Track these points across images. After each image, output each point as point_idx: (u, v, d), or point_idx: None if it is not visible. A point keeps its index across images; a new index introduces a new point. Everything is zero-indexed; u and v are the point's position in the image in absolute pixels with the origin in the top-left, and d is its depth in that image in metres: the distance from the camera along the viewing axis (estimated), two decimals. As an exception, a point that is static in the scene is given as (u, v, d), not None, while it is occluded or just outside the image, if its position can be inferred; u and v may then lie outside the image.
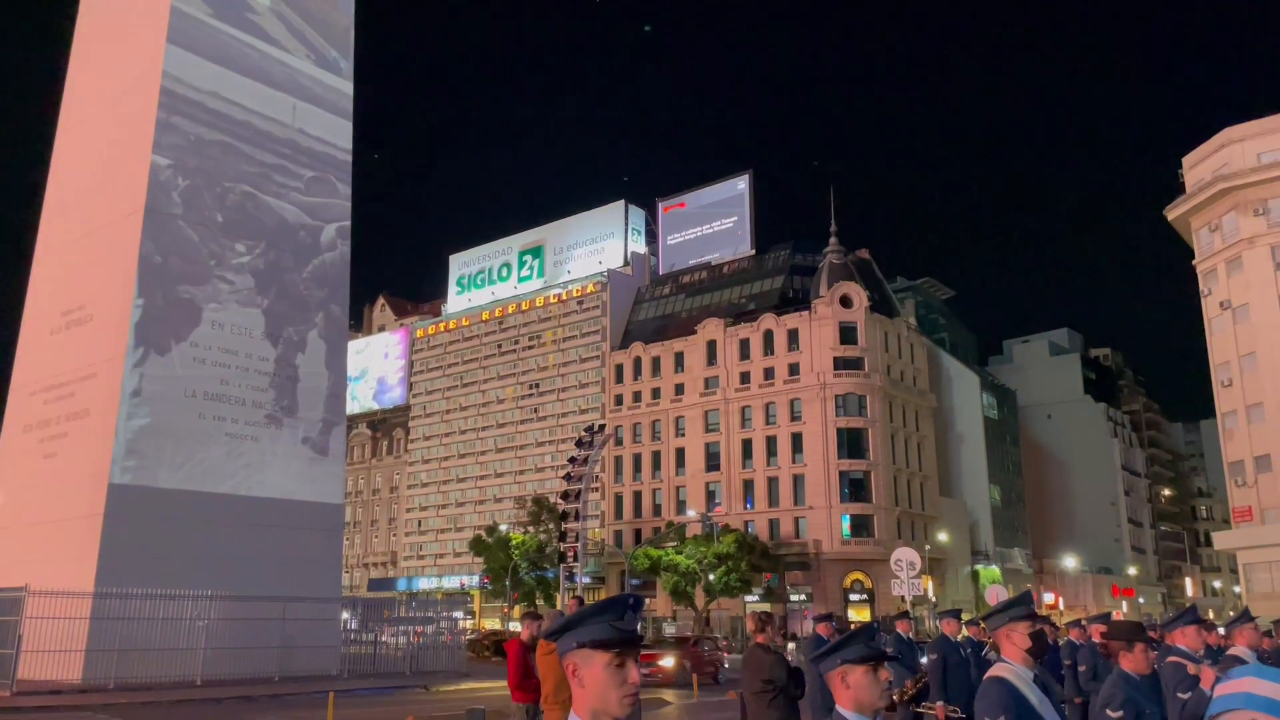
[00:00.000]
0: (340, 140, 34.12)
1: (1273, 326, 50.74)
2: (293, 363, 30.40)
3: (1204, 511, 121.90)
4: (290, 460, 29.87)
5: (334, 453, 31.59)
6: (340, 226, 33.25)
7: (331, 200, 33.14)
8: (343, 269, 33.20)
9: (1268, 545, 50.05)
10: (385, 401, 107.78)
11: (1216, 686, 5.90)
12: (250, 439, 28.95)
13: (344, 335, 33.39)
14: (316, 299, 31.81)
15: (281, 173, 31.71)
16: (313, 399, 30.94)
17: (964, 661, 9.97)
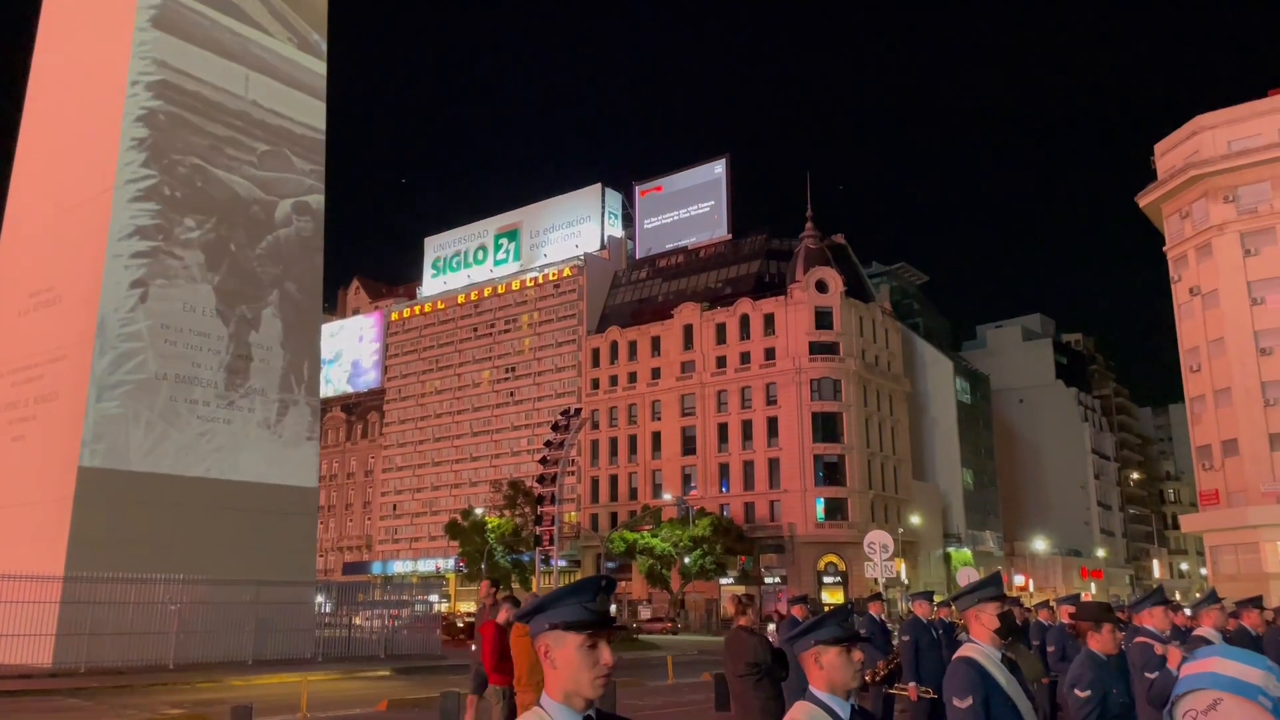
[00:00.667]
0: (308, 118, 33.38)
1: (1240, 312, 51.41)
2: (248, 341, 30.00)
3: (1171, 495, 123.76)
4: (263, 444, 29.65)
5: (308, 436, 31.36)
6: (297, 202, 32.14)
7: (286, 175, 32.11)
8: (300, 246, 32.40)
9: (1233, 528, 50.88)
10: (360, 385, 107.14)
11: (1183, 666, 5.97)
12: (223, 422, 28.71)
13: (307, 314, 32.78)
14: (271, 275, 31.29)
15: (233, 145, 30.80)
16: (279, 380, 30.68)
17: (936, 643, 10.07)
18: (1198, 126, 55.00)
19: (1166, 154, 57.37)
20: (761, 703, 7.38)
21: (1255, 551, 49.63)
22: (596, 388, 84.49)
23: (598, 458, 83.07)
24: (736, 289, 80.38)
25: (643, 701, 18.56)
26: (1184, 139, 55.93)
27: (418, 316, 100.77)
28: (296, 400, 31.15)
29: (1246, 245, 51.88)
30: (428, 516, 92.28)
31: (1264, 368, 50.37)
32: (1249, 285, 51.41)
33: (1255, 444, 49.97)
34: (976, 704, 4.00)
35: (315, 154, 33.39)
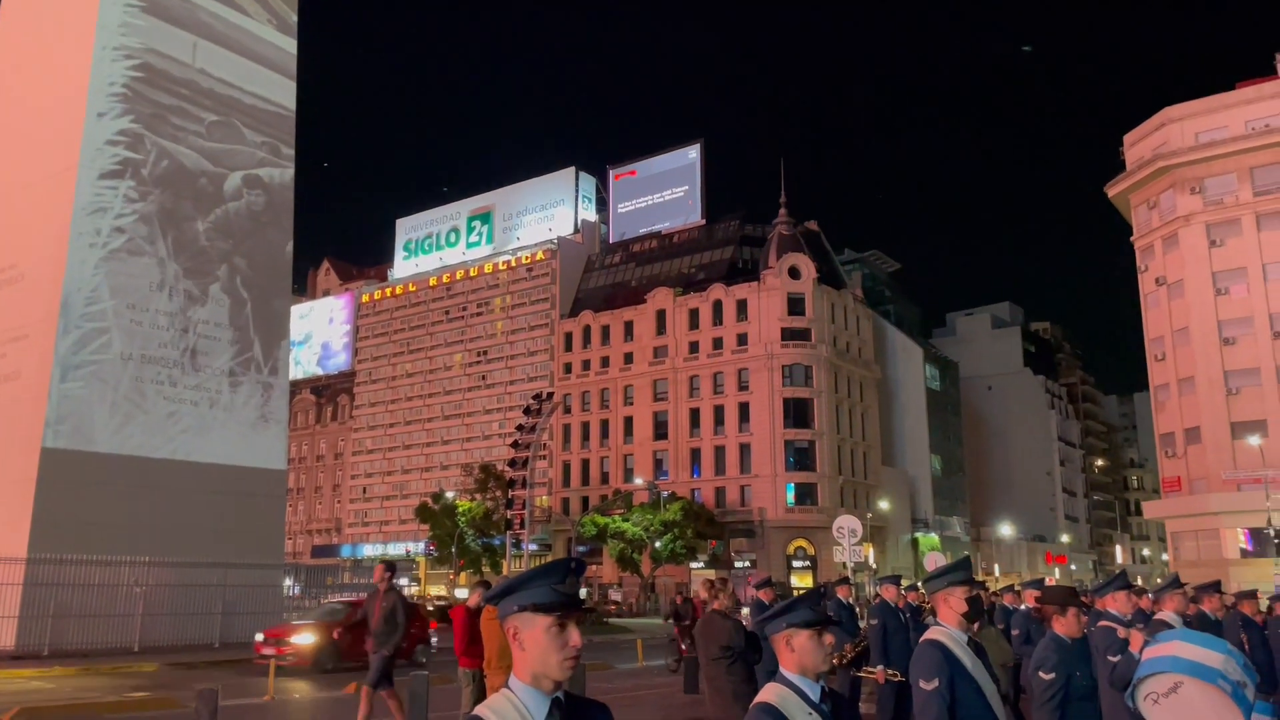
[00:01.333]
0: (265, 90, 32.50)
1: (1205, 303, 52.17)
2: (217, 321, 29.57)
3: (1135, 482, 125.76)
4: (231, 425, 29.34)
5: (276, 418, 31.08)
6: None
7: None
8: (264, 224, 31.78)
9: (1195, 514, 51.78)
10: (330, 367, 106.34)
11: (1145, 650, 6.06)
12: (189, 403, 28.37)
13: (275, 295, 32.28)
14: (238, 256, 30.82)
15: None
16: (247, 361, 30.37)
17: (903, 626, 10.17)
18: (1166, 118, 55.61)
19: (1135, 145, 57.99)
20: (734, 686, 7.40)
21: (1216, 538, 50.57)
22: (569, 372, 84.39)
23: (569, 442, 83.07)
24: (710, 274, 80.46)
25: (612, 684, 18.63)
26: (1152, 130, 56.54)
27: (389, 299, 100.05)
28: (265, 382, 30.84)
29: (1212, 236, 52.60)
30: (398, 500, 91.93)
31: (1227, 357, 51.19)
32: (1214, 276, 52.17)
33: (1217, 432, 50.84)
34: (942, 686, 4.04)
35: (271, 127, 32.49)
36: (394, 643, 10.96)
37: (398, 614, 11.04)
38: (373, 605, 11.27)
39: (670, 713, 14.33)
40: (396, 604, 11.11)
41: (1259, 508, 43.77)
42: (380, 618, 11.04)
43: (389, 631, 10.98)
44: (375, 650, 11.01)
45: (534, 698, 2.35)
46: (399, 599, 11.22)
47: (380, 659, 10.96)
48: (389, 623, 11.01)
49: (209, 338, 29.33)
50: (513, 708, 2.34)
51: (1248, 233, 51.54)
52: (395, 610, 11.05)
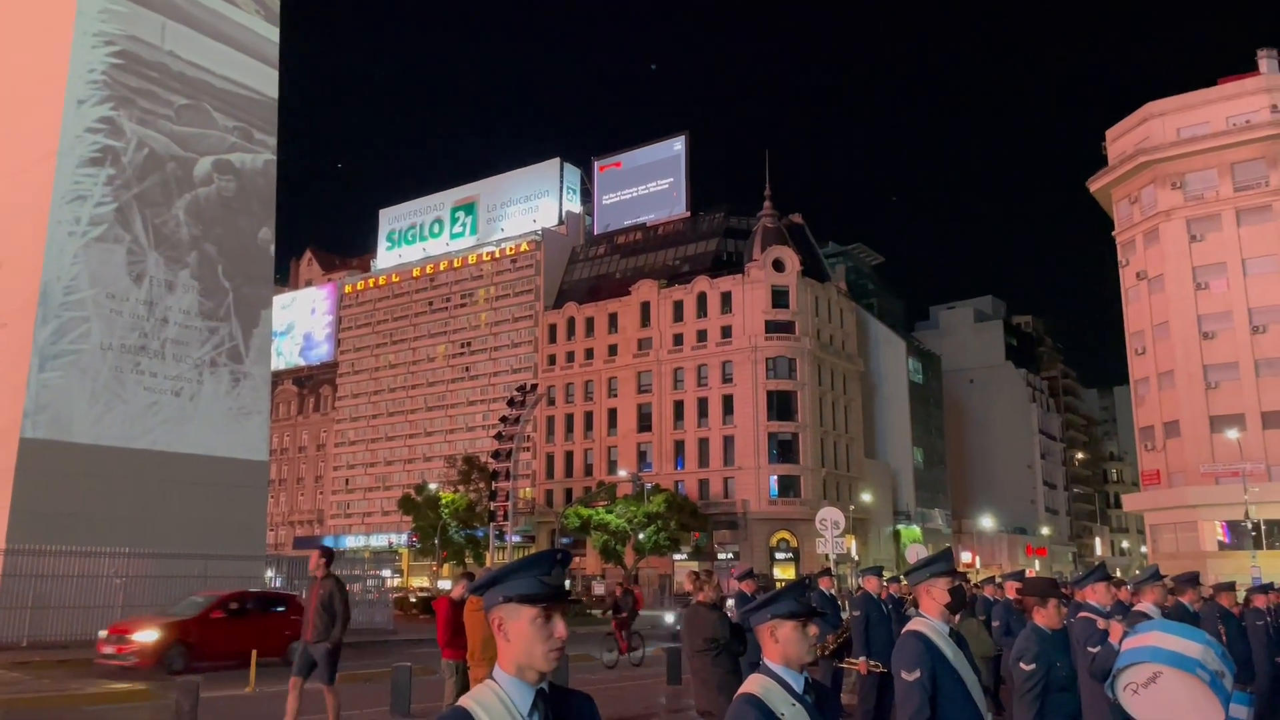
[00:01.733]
0: (241, 75, 31.98)
1: (1185, 297, 52.60)
2: (197, 311, 29.33)
3: (1115, 475, 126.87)
4: (212, 416, 29.17)
5: (258, 409, 30.92)
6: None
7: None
8: (247, 211, 31.45)
9: (1174, 507, 52.29)
10: (312, 358, 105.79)
11: (1124, 640, 6.13)
12: (170, 393, 28.18)
13: (257, 284, 32.05)
14: (220, 244, 30.55)
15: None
16: (229, 351, 30.17)
17: (886, 617, 10.23)
18: (1148, 113, 55.95)
19: (1117, 140, 58.33)
20: (719, 678, 7.42)
21: (1194, 530, 51.09)
22: (553, 364, 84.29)
23: (553, 434, 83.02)
24: (694, 267, 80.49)
25: (596, 676, 18.67)
26: (1135, 125, 56.88)
27: (372, 289, 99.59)
28: (246, 372, 30.67)
29: (1193, 231, 53.00)
30: (381, 491, 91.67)
31: (1206, 351, 51.65)
32: (1194, 270, 52.60)
33: (1196, 426, 51.32)
34: (924, 677, 4.07)
35: (242, 111, 32.03)
36: (335, 634, 10.44)
37: (335, 603, 10.46)
38: (309, 594, 10.72)
39: (653, 704, 14.37)
40: (334, 592, 10.53)
41: (1236, 501, 44.22)
42: (316, 607, 10.47)
43: (327, 622, 10.43)
44: (313, 641, 10.45)
45: (518, 689, 2.34)
46: (336, 587, 10.61)
47: (324, 651, 10.43)
48: (327, 612, 10.44)
49: (190, 327, 29.14)
50: (497, 699, 2.33)
51: (1227, 228, 51.97)
52: (333, 599, 10.47)
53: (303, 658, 10.61)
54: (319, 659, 10.45)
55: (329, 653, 10.44)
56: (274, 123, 32.84)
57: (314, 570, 10.70)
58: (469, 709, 2.32)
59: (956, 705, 4.07)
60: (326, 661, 10.44)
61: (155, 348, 28.12)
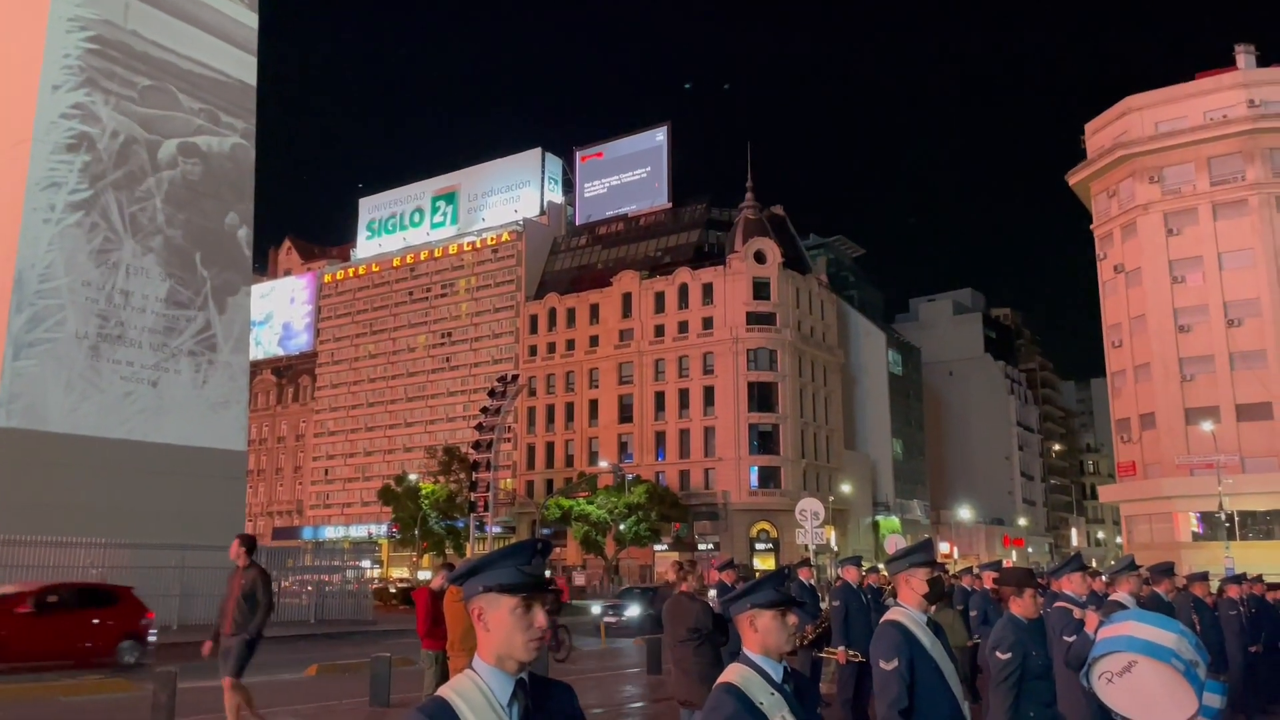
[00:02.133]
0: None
1: (1162, 290, 53.05)
2: (175, 300, 29.07)
3: (1091, 466, 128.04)
4: (189, 406, 28.96)
5: (236, 399, 30.71)
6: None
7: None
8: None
9: (1149, 499, 52.81)
10: (291, 348, 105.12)
11: (1099, 630, 6.18)
12: (147, 383, 27.94)
13: (235, 274, 31.79)
14: (197, 231, 30.21)
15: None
16: (206, 341, 29.93)
17: (865, 607, 10.28)
18: (1127, 107, 56.31)
19: (1096, 134, 58.67)
20: (700, 668, 7.44)
21: (1168, 521, 51.64)
22: (534, 354, 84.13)
23: (534, 425, 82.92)
24: (676, 258, 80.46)
25: (576, 665, 18.69)
26: (1113, 119, 57.23)
27: (351, 279, 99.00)
28: (224, 362, 30.45)
29: (1170, 225, 53.42)
30: (360, 482, 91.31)
31: (1182, 344, 52.13)
32: (1171, 264, 53.04)
33: (1172, 418, 51.82)
34: (901, 666, 4.09)
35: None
36: (255, 626, 9.81)
37: (257, 593, 9.87)
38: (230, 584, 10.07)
39: (634, 694, 14.39)
40: (256, 582, 9.91)
41: (1210, 492, 44.72)
42: (236, 598, 9.84)
43: (246, 614, 9.80)
44: (233, 634, 9.83)
45: (498, 679, 2.34)
46: (259, 576, 9.98)
47: (239, 643, 9.77)
48: (248, 602, 9.82)
49: (166, 316, 28.88)
50: (477, 689, 2.32)
51: (1204, 222, 52.41)
52: (255, 589, 9.87)
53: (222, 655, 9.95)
54: (231, 650, 9.80)
55: (245, 644, 9.81)
56: (244, 106, 32.46)
57: (235, 558, 10.07)
58: (448, 699, 2.31)
59: (934, 694, 4.10)
60: (238, 653, 9.79)
61: (131, 336, 27.87)
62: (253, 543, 10.31)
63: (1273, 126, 51.41)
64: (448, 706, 2.29)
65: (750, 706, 2.95)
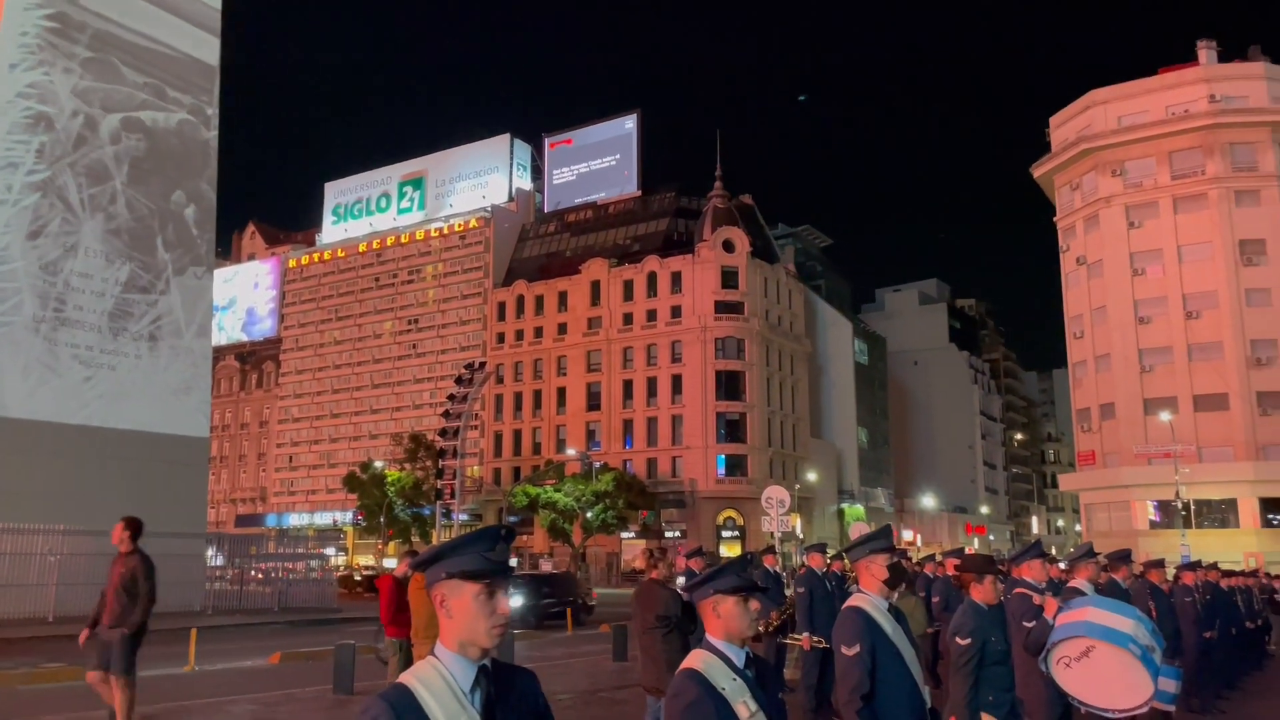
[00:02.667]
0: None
1: (1123, 283, 53.83)
2: (135, 284, 28.55)
3: (1052, 455, 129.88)
4: (151, 391, 28.54)
5: (198, 384, 30.32)
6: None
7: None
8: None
9: (1108, 487, 53.71)
10: (255, 333, 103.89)
11: (1058, 616, 6.27)
12: (107, 368, 27.50)
13: (195, 257, 31.28)
14: (159, 214, 29.63)
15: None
16: (167, 325, 29.50)
17: (829, 594, 10.36)
18: (1091, 101, 56.94)
19: (1060, 127, 59.30)
20: (668, 656, 7.45)
21: (1126, 509, 52.56)
22: (502, 342, 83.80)
23: (502, 412, 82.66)
24: (645, 246, 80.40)
25: (541, 653, 18.71)
26: (1078, 113, 57.86)
27: (317, 264, 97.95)
28: (186, 347, 30.04)
29: (1131, 218, 54.18)
30: (325, 469, 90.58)
31: (1142, 336, 52.97)
32: (1131, 256, 53.83)
33: (1131, 408, 52.69)
34: (863, 652, 4.13)
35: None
36: (135, 620, 8.91)
37: (139, 582, 8.93)
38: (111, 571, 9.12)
39: (599, 681, 14.44)
40: (137, 570, 8.97)
41: (1168, 481, 45.54)
42: (117, 587, 8.95)
43: (126, 604, 8.90)
44: (109, 626, 8.93)
45: (461, 665, 2.33)
46: (142, 564, 9.03)
47: (120, 637, 8.86)
48: (128, 593, 8.91)
49: (127, 300, 28.42)
50: (439, 676, 2.32)
51: (1164, 215, 53.21)
52: (135, 578, 8.94)
53: (98, 647, 9.03)
54: (114, 645, 8.91)
55: (126, 639, 8.91)
56: (193, 82, 31.67)
57: (117, 543, 9.14)
58: (410, 686, 2.30)
59: (895, 679, 4.15)
60: (122, 648, 8.89)
61: (90, 320, 27.41)
62: (138, 526, 9.32)
63: (1232, 122, 52.25)
64: (410, 694, 2.28)
65: (712, 692, 2.96)
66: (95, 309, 27.59)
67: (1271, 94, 52.72)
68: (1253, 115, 52.07)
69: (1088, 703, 5.84)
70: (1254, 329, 50.56)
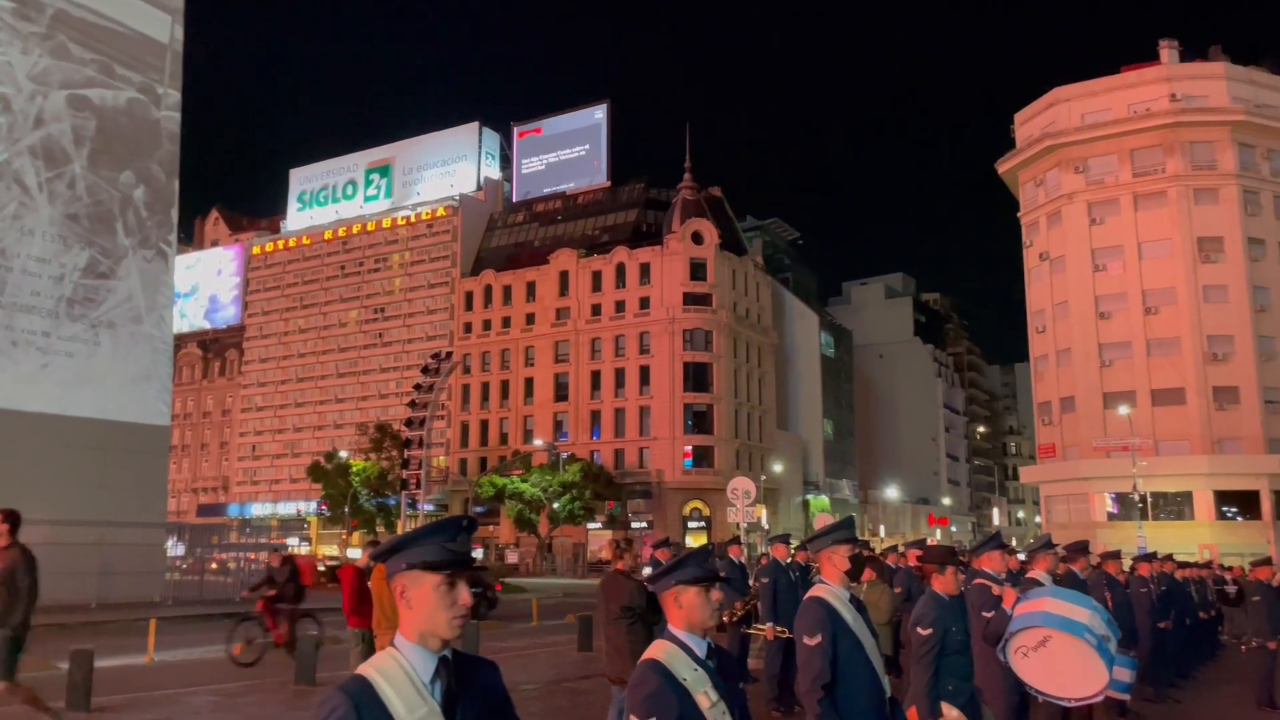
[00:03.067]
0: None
1: (1084, 278, 54.55)
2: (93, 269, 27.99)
3: (1013, 448, 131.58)
4: (110, 378, 28.09)
5: (158, 372, 29.88)
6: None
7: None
8: (144, 159, 29.81)
9: (1067, 479, 54.50)
10: (218, 321, 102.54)
11: (1016, 606, 6.36)
12: (64, 354, 27.02)
13: (155, 242, 30.78)
14: (116, 195, 29.08)
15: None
16: (127, 311, 29.03)
17: (793, 585, 10.44)
18: (1055, 98, 57.56)
19: (1025, 123, 59.89)
20: (632, 646, 7.47)
21: (1085, 502, 53.38)
22: (469, 332, 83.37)
23: (469, 402, 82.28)
24: (614, 237, 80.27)
25: (506, 644, 18.68)
26: (1042, 110, 58.47)
27: (281, 251, 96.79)
28: (146, 334, 29.58)
29: (1093, 214, 54.89)
30: (289, 458, 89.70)
31: (1102, 330, 53.74)
32: (1093, 252, 54.55)
33: (1091, 402, 53.46)
34: (825, 642, 4.17)
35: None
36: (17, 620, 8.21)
37: (17, 578, 8.20)
38: None
39: (563, 672, 14.44)
40: (17, 565, 8.22)
41: (1125, 474, 46.25)
42: None
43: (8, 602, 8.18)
44: None
45: (421, 656, 2.32)
46: (21, 558, 8.28)
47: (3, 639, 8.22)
48: (7, 589, 8.18)
49: (86, 286, 27.93)
50: (399, 667, 2.31)
51: (1125, 212, 53.95)
52: (14, 574, 8.19)
53: None
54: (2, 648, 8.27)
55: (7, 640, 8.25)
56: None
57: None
58: (370, 678, 2.29)
59: (856, 668, 4.19)
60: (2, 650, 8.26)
61: (49, 307, 26.91)
62: (17, 519, 8.52)
63: (1192, 121, 53.06)
64: (369, 685, 2.27)
65: (673, 682, 2.97)
66: (53, 294, 27.09)
67: (1231, 94, 53.59)
68: (1212, 115, 52.90)
69: (1044, 691, 5.94)
70: (1211, 325, 51.46)
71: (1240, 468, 49.73)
